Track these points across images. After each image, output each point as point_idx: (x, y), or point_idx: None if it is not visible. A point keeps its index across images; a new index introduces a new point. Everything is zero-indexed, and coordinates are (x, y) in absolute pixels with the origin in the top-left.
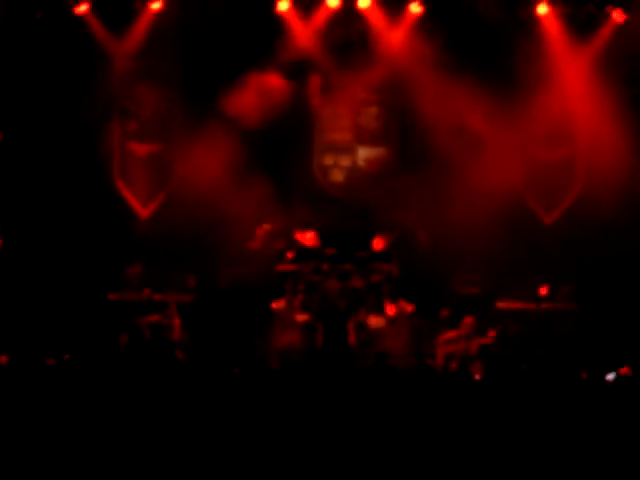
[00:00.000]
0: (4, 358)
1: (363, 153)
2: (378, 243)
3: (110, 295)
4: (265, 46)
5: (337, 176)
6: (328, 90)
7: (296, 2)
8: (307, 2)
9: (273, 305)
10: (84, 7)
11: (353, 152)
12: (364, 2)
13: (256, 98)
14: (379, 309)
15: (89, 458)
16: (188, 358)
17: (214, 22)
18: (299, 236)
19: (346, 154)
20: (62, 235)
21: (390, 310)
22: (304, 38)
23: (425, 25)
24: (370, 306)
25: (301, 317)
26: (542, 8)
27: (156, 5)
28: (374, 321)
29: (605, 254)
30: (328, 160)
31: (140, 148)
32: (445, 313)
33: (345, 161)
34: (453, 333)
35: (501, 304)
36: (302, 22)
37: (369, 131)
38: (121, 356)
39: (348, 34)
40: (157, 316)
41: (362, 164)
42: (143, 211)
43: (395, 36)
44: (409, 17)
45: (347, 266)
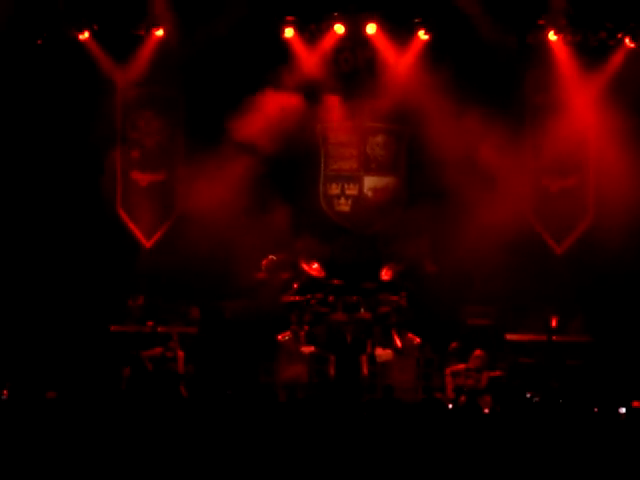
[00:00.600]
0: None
1: (370, 182)
2: (386, 274)
3: (112, 327)
4: (270, 73)
5: (343, 206)
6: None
7: (302, 29)
8: (313, 29)
9: (278, 337)
10: (86, 34)
11: (359, 181)
12: (371, 29)
13: (267, 118)
14: (386, 341)
15: None
16: (192, 392)
17: (218, 49)
18: (305, 267)
19: (352, 183)
20: (64, 265)
21: (398, 342)
22: (310, 65)
23: (433, 53)
24: (377, 338)
25: (307, 349)
26: (552, 35)
27: (159, 32)
28: (381, 353)
29: (617, 284)
30: (334, 189)
31: (143, 177)
32: (454, 345)
33: (351, 190)
34: (462, 365)
35: (511, 336)
36: (308, 49)
37: (376, 160)
38: (123, 390)
39: (355, 61)
40: (160, 349)
41: (369, 193)
42: (146, 241)
43: (403, 63)
44: (416, 44)
45: (354, 297)
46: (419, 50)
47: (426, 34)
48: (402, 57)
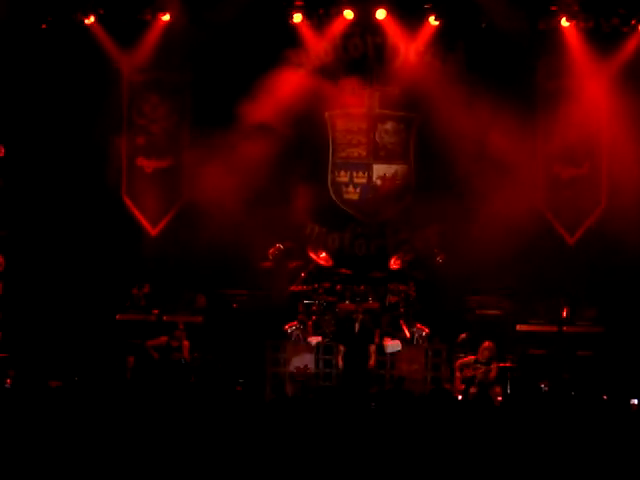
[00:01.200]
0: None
1: (379, 170)
2: (394, 263)
3: (118, 315)
4: (278, 59)
5: (352, 194)
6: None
7: (310, 14)
8: (322, 14)
9: (285, 327)
10: (92, 18)
11: (368, 169)
12: (381, 14)
13: (276, 103)
14: (395, 331)
15: None
16: (197, 382)
17: (225, 34)
18: (312, 255)
19: (361, 171)
20: (69, 253)
21: (406, 332)
22: (319, 51)
23: (443, 39)
24: (385, 328)
25: (314, 339)
26: (564, 21)
27: (166, 17)
28: (390, 344)
29: (629, 275)
30: (343, 177)
31: (148, 164)
32: (463, 336)
33: (360, 178)
34: (471, 357)
35: (521, 327)
36: (317, 34)
37: (385, 148)
38: (128, 379)
39: (364, 47)
40: (165, 338)
41: (378, 182)
42: (152, 229)
43: (413, 50)
44: (427, 30)
45: (362, 287)
46: (429, 36)
47: (437, 20)
48: (412, 43)
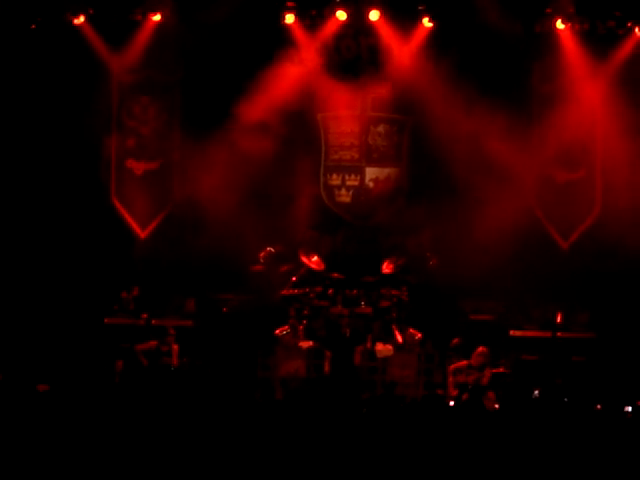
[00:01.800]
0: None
1: (371, 173)
2: (387, 267)
3: (106, 319)
4: (270, 60)
5: (344, 197)
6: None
7: (303, 15)
8: (315, 15)
9: (276, 331)
10: (82, 18)
11: (361, 172)
12: (374, 16)
13: (267, 104)
14: (387, 336)
15: None
16: (186, 386)
17: (217, 35)
18: (304, 259)
19: (353, 174)
20: (57, 256)
21: (399, 337)
22: (311, 52)
23: (437, 41)
24: (378, 333)
25: (305, 344)
26: (560, 24)
27: (157, 17)
28: (382, 349)
29: (623, 280)
30: (335, 180)
31: (138, 166)
32: (456, 341)
33: (352, 181)
34: (464, 362)
35: (515, 332)
36: (309, 35)
37: (378, 150)
38: (116, 383)
39: (357, 49)
40: (155, 342)
41: (370, 184)
42: (141, 232)
43: (406, 51)
44: (421, 32)
45: (354, 291)
46: (423, 38)
47: (430, 22)
48: (406, 45)
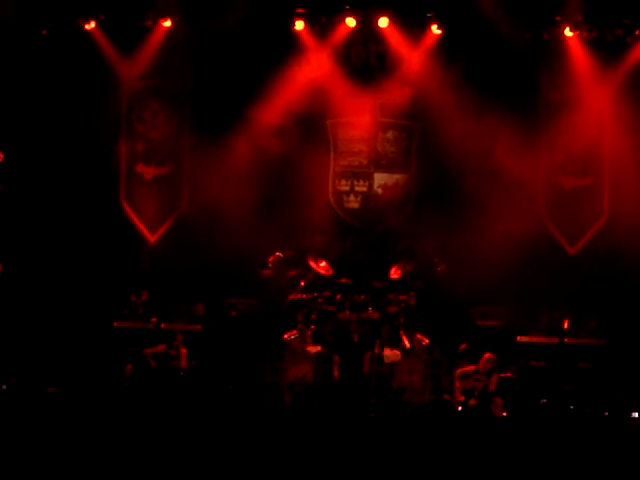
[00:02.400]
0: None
1: (380, 179)
2: (395, 273)
3: (115, 323)
4: (280, 66)
5: (353, 202)
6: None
7: (313, 22)
8: (324, 22)
9: (284, 336)
10: (93, 24)
11: (369, 178)
12: (383, 22)
13: (277, 110)
14: (395, 342)
15: None
16: (195, 390)
17: (227, 41)
18: (312, 264)
19: (362, 180)
20: (67, 260)
21: (406, 343)
22: (321, 59)
23: (446, 48)
24: (385, 338)
25: (313, 349)
26: (568, 31)
27: (167, 23)
28: (389, 354)
29: (630, 286)
30: (344, 186)
31: (148, 170)
32: (463, 347)
33: (361, 187)
34: (471, 367)
35: (522, 338)
36: (319, 42)
37: (386, 156)
38: (125, 387)
39: (366, 55)
40: (163, 346)
41: (379, 190)
42: (151, 236)
43: (415, 58)
44: (429, 39)
45: (362, 296)
46: (432, 45)
47: (439, 29)
48: (414, 52)
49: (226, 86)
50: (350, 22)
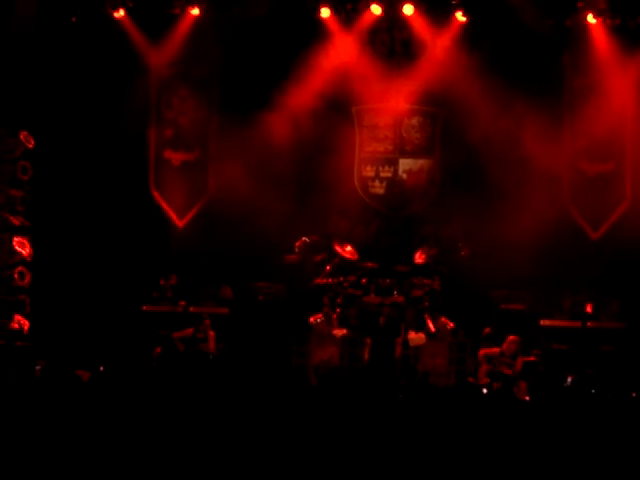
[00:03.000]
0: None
1: (405, 165)
2: (419, 257)
3: (145, 307)
4: (306, 53)
5: (378, 188)
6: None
7: (338, 9)
8: (350, 9)
9: (310, 319)
10: (121, 12)
11: (394, 164)
12: (408, 9)
13: (305, 98)
14: (419, 325)
15: (118, 472)
16: (222, 373)
17: (254, 28)
18: (338, 249)
19: (387, 165)
20: (96, 245)
21: (431, 326)
22: (346, 46)
23: (470, 35)
24: (410, 322)
25: (339, 332)
26: (591, 18)
27: (195, 11)
28: (414, 337)
29: None
30: (369, 171)
31: (176, 156)
32: (487, 331)
33: (386, 173)
34: (496, 349)
35: (545, 322)
36: (344, 29)
37: (411, 142)
38: (153, 370)
39: (391, 43)
40: (191, 329)
41: (403, 176)
42: (179, 221)
43: (440, 45)
44: (454, 26)
45: (387, 280)
46: (456, 32)
47: (464, 16)
48: (439, 39)
49: (253, 72)
50: (375, 9)
